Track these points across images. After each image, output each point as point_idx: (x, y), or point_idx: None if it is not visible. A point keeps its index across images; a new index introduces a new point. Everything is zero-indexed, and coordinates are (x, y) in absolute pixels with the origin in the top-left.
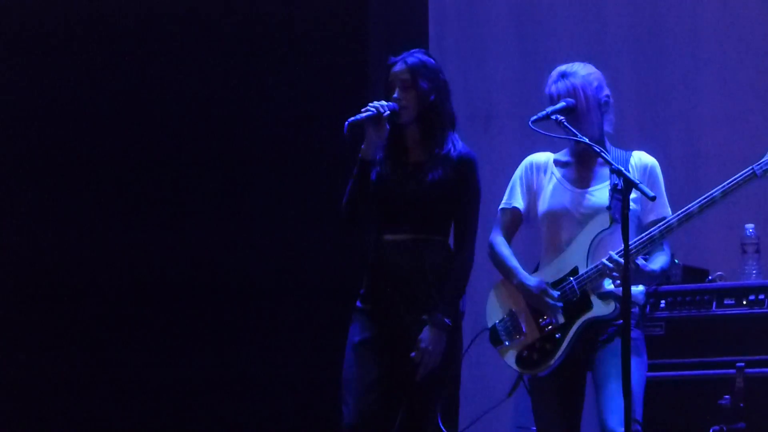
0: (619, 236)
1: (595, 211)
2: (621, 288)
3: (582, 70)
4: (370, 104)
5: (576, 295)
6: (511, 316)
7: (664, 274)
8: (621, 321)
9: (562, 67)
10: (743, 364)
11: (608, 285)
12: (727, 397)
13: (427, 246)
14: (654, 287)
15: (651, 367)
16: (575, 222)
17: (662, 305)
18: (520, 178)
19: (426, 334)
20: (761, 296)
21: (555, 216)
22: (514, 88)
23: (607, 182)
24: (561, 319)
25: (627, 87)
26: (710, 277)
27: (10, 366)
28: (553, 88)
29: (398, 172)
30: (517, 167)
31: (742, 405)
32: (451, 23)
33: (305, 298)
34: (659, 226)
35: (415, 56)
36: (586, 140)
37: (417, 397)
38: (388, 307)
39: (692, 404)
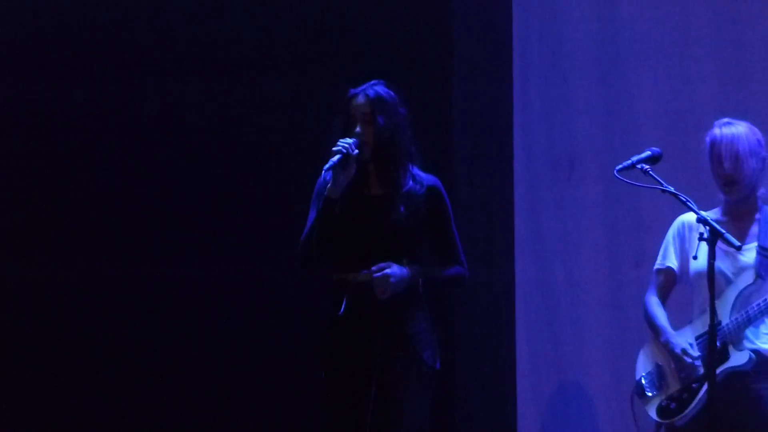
0: (763, 291)
1: (743, 270)
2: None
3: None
4: (339, 142)
5: (716, 347)
6: (657, 368)
7: None
8: None
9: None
10: None
11: (748, 337)
12: None
13: None
14: None
15: None
16: (725, 280)
17: None
18: (673, 238)
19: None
20: None
21: (705, 275)
22: (598, 135)
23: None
24: (701, 371)
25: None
26: None
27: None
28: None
29: (360, 206)
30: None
31: None
32: (535, 69)
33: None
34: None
35: (375, 89)
36: (672, 190)
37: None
38: (358, 345)
39: None
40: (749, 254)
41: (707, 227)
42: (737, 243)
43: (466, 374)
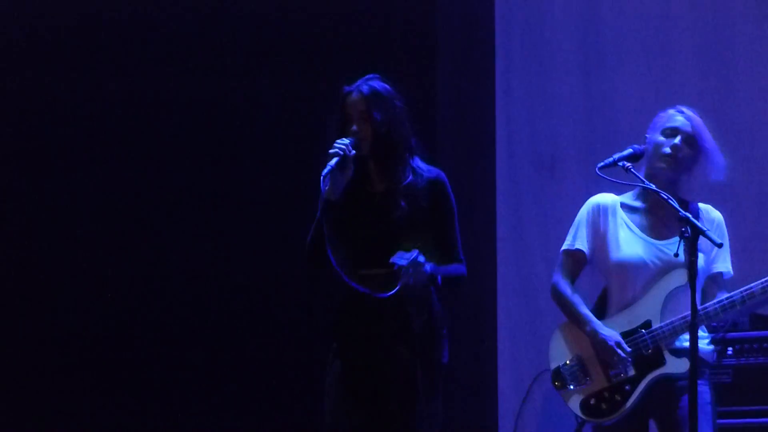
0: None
1: (672, 266)
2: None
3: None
4: (336, 144)
5: (648, 349)
6: (579, 361)
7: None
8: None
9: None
10: None
11: (683, 342)
12: None
13: None
14: (722, 335)
15: (719, 415)
16: (650, 274)
17: (729, 352)
18: (586, 220)
19: None
20: None
21: (629, 266)
22: (580, 133)
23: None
24: (631, 372)
25: None
26: None
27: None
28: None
29: (362, 204)
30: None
31: None
32: (518, 68)
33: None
34: (742, 291)
35: (369, 84)
36: (654, 187)
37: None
38: (366, 342)
39: None
40: (673, 248)
41: (688, 226)
42: (719, 241)
43: (447, 369)
